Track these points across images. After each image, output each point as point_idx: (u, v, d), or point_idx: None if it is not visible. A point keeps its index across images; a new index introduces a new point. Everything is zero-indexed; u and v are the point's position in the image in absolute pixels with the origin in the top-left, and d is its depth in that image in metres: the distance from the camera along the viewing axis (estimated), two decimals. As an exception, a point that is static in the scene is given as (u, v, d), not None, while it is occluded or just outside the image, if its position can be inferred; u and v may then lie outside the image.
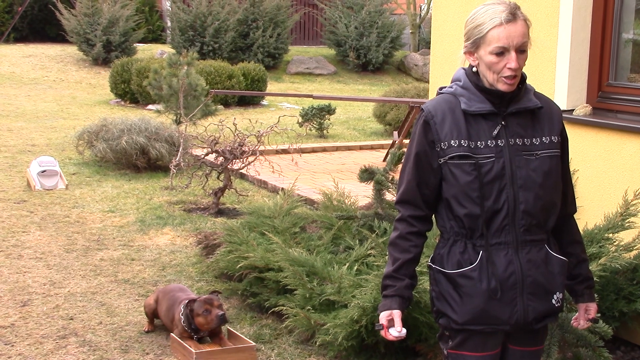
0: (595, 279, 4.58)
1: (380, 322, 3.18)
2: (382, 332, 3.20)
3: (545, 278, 3.17)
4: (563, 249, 3.34)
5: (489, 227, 3.12)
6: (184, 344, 5.57)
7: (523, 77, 3.21)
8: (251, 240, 6.50)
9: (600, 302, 4.49)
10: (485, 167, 3.09)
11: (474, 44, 3.13)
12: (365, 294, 4.90)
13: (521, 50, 3.09)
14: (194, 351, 5.44)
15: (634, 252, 5.02)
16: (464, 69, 3.24)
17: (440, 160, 3.15)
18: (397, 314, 3.18)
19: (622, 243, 5.03)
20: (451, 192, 3.15)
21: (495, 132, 3.12)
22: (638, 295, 4.92)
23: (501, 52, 3.07)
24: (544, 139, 3.18)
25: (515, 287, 3.11)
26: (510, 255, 3.11)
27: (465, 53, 3.20)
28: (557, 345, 3.84)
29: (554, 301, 3.19)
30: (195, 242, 8.05)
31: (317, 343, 5.24)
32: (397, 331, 3.16)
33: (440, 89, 3.30)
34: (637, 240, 5.01)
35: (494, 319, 3.12)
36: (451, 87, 3.25)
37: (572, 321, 3.47)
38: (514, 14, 3.07)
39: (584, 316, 3.42)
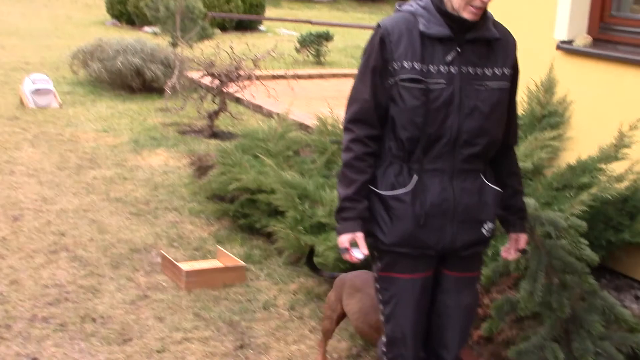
0: (585, 208, 4.62)
1: (343, 246, 3.11)
2: (346, 256, 3.13)
3: (477, 207, 3.14)
4: (500, 179, 3.30)
5: (427, 153, 3.07)
6: (175, 262, 5.61)
7: None
8: (244, 162, 6.49)
9: (589, 231, 4.49)
10: (433, 94, 3.03)
11: None
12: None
13: None
14: (184, 269, 5.47)
15: (626, 183, 5.02)
16: None
17: (391, 81, 3.07)
18: (360, 236, 3.12)
19: (615, 174, 5.03)
20: (397, 114, 3.08)
21: (450, 57, 3.04)
22: (626, 226, 4.94)
23: None
24: (496, 70, 3.11)
25: (447, 214, 3.09)
26: (444, 182, 3.09)
27: None
28: (544, 271, 3.87)
29: (484, 230, 3.18)
30: (188, 163, 8.04)
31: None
32: (362, 253, 3.10)
33: (399, 5, 3.20)
34: (629, 171, 5.01)
35: (421, 243, 3.11)
36: (411, 5, 3.14)
37: (502, 252, 3.46)
38: None
39: (514, 246, 3.41)
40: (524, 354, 3.96)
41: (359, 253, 3.12)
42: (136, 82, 11.56)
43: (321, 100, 10.86)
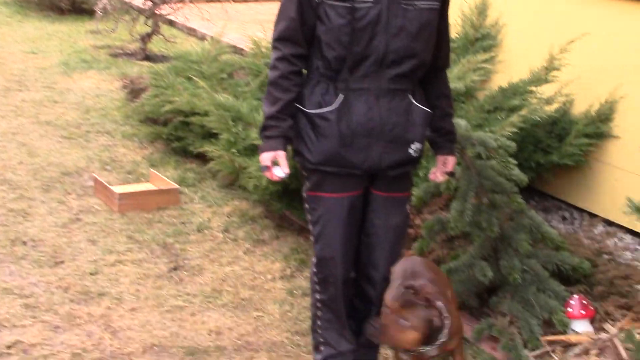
0: (515, 130, 4.69)
1: (265, 164, 3.13)
2: (267, 174, 3.17)
3: (405, 127, 3.15)
4: (430, 101, 3.31)
5: (353, 72, 3.07)
6: (108, 185, 5.55)
7: None
8: (177, 85, 6.40)
9: (519, 153, 4.56)
10: (360, 12, 3.00)
11: None
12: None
13: None
14: (117, 192, 5.43)
15: (555, 106, 5.10)
16: None
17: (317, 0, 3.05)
18: (282, 155, 3.13)
19: (544, 97, 5.11)
20: (323, 32, 3.06)
21: None
22: (555, 148, 5.04)
23: None
24: None
25: (373, 134, 3.10)
26: (370, 102, 3.09)
27: None
28: (474, 191, 3.93)
29: (411, 151, 3.19)
30: (120, 86, 7.89)
31: (240, 186, 5.27)
32: (283, 172, 3.12)
33: None
34: (558, 93, 5.08)
35: (347, 162, 3.12)
36: None
37: (429, 174, 3.50)
38: None
39: (441, 168, 3.44)
40: (453, 272, 4.06)
41: (280, 172, 3.13)
42: (65, 3, 11.25)
43: (255, 24, 10.72)
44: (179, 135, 6.36)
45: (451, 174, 3.49)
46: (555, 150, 5.02)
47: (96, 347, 3.76)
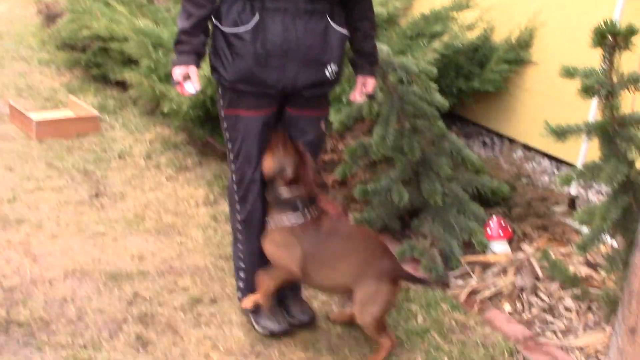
0: (437, 56, 4.71)
1: (177, 79, 3.14)
2: (178, 88, 3.17)
3: (321, 49, 3.14)
4: (352, 23, 3.30)
5: None
6: (24, 111, 5.41)
7: None
8: (95, 9, 6.24)
9: (441, 79, 4.61)
10: None
11: None
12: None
13: None
14: (34, 119, 5.30)
15: (476, 32, 5.14)
16: None
17: None
18: (193, 70, 3.13)
19: (466, 23, 5.14)
20: None
21: None
22: (476, 74, 5.09)
23: None
24: None
25: (288, 54, 3.10)
26: (286, 22, 3.07)
27: None
28: (396, 115, 3.95)
29: (327, 72, 3.19)
30: (35, 11, 7.65)
31: (162, 112, 5.20)
32: (194, 87, 3.15)
33: None
34: (479, 20, 5.12)
35: (262, 81, 3.13)
36: None
37: (350, 95, 3.51)
38: None
39: (360, 89, 3.46)
40: (370, 194, 4.10)
41: (191, 87, 3.14)
42: None
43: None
44: (98, 62, 6.23)
45: (371, 96, 3.51)
46: (477, 77, 5.08)
47: (16, 273, 3.70)
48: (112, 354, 3.17)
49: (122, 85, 5.89)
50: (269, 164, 3.21)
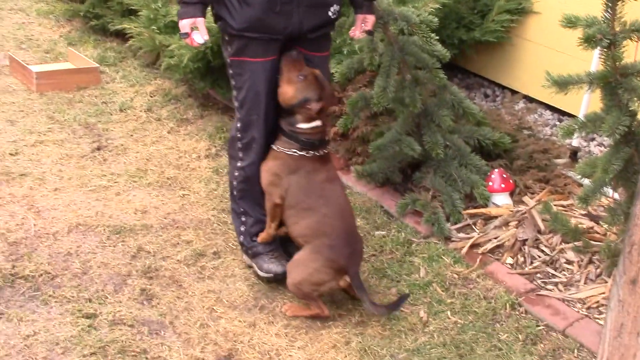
0: (437, 6, 4.67)
1: (184, 31, 3.15)
2: (187, 40, 3.18)
3: None
4: None
5: None
6: (24, 64, 5.39)
7: None
8: (93, -41, 6.17)
9: (442, 30, 4.58)
10: None
11: None
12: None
13: None
14: (34, 71, 5.28)
15: (478, -18, 5.10)
16: None
17: None
18: (201, 22, 3.15)
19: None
20: None
21: None
22: (477, 24, 5.05)
23: None
24: None
25: (293, 1, 3.13)
26: None
27: None
28: (397, 66, 3.93)
29: (330, 13, 3.25)
30: (32, -39, 7.57)
31: (162, 66, 5.17)
32: (202, 38, 3.16)
33: None
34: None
35: (269, 28, 3.15)
36: None
37: (350, 32, 3.55)
38: None
39: (359, 26, 3.49)
40: (382, 149, 4.10)
41: (200, 37, 3.16)
42: None
43: None
44: (97, 13, 6.18)
45: (370, 33, 3.53)
46: (478, 27, 5.05)
47: (20, 227, 3.72)
48: (117, 308, 3.20)
49: (122, 36, 5.84)
50: (290, 93, 3.19)
